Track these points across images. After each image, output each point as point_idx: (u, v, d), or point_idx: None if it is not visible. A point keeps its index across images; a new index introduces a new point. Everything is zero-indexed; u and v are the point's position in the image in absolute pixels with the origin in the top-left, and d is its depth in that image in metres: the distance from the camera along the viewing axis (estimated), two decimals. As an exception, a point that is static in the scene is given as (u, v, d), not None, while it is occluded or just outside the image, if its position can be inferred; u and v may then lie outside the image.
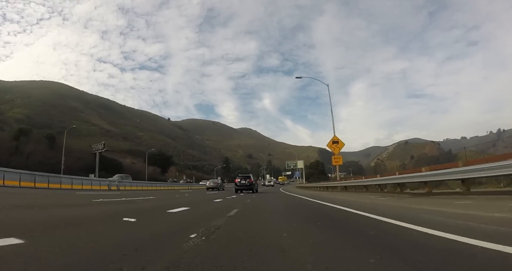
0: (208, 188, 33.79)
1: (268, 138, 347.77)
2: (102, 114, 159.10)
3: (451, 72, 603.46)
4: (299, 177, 65.79)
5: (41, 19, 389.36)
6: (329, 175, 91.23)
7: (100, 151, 34.65)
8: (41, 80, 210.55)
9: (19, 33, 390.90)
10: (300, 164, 72.50)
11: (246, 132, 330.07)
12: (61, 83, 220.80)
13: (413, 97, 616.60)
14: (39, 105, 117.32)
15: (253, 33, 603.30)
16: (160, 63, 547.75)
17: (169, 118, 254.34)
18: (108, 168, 43.29)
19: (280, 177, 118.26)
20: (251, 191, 22.63)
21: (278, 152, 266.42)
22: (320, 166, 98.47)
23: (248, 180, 23.45)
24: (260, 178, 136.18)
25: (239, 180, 23.51)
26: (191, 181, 78.06)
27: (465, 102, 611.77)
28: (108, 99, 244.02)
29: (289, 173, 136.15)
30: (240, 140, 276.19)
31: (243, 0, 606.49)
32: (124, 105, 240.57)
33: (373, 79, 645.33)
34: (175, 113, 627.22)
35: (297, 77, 54.33)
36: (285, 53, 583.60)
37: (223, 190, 33.31)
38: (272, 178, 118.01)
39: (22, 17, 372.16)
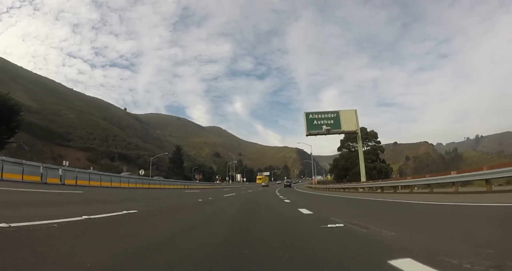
0: (263, 186, 61.77)
1: (238, 138, 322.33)
2: (31, 90, 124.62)
3: (421, 83, 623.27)
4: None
5: (11, 8, 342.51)
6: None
7: None
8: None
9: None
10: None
11: (215, 131, 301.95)
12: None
13: (383, 105, 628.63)
14: None
15: (228, 35, 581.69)
16: (131, 61, 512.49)
17: (125, 109, 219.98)
18: None
19: (259, 177, 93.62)
20: (289, 186, 56.64)
21: (249, 152, 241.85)
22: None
23: (289, 183, 66.43)
24: (227, 179, 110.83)
25: (286, 182, 66.81)
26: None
27: (433, 112, 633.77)
28: (54, 81, 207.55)
29: (267, 173, 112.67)
30: (208, 137, 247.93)
31: (219, 0, 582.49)
32: (72, 89, 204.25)
33: (345, 87, 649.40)
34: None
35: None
36: (259, 57, 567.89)
37: (268, 186, 59.74)
38: (244, 179, 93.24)
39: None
